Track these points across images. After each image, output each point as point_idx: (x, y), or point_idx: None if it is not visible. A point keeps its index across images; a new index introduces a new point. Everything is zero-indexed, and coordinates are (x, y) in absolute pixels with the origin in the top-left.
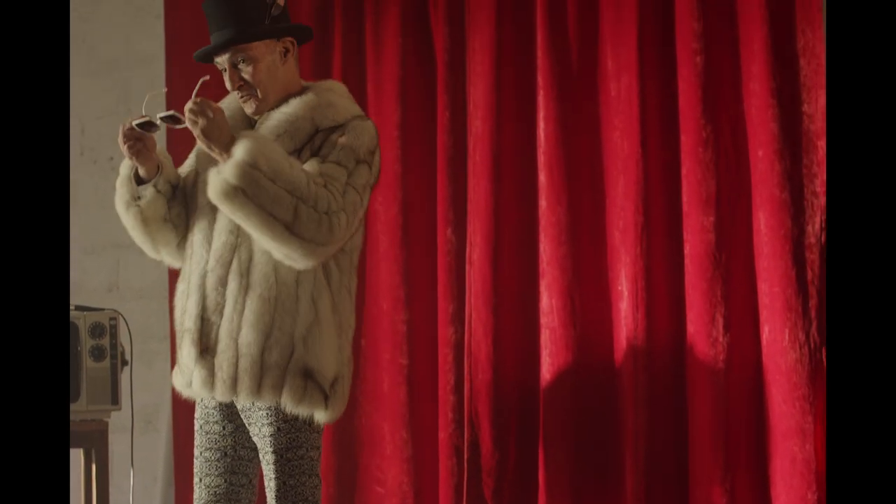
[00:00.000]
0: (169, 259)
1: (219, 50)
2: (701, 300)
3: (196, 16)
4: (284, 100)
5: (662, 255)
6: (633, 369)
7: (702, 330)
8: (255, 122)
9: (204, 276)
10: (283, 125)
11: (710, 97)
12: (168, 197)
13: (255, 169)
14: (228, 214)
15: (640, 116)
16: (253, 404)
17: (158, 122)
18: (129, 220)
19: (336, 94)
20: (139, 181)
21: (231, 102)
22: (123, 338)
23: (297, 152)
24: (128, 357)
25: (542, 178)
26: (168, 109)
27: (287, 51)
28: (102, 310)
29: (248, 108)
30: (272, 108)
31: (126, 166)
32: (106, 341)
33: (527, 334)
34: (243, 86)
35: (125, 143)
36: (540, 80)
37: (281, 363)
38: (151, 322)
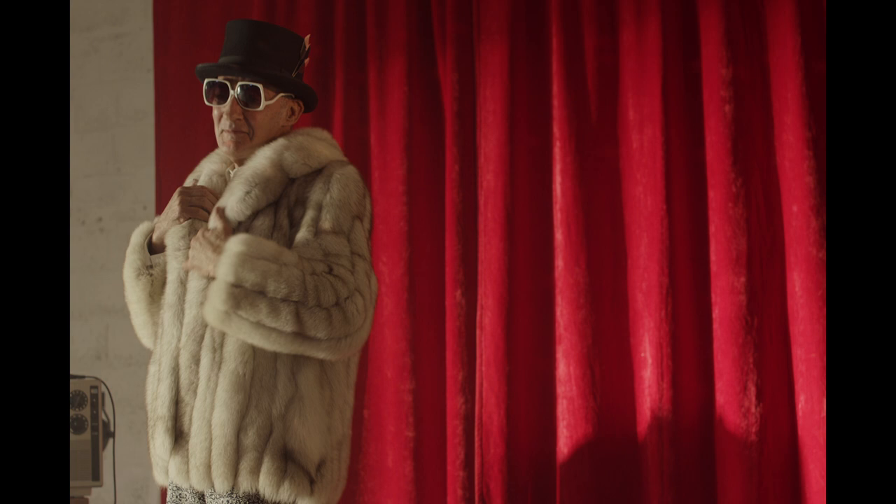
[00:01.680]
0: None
1: (236, 71)
2: (731, 368)
3: (187, 68)
4: None
5: (689, 319)
6: (658, 443)
7: (732, 400)
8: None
9: (177, 356)
10: (253, 179)
11: (740, 149)
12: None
13: (239, 287)
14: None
15: (664, 170)
16: (232, 492)
17: None
18: (136, 292)
19: (310, 138)
20: (151, 250)
21: (212, 163)
22: (109, 408)
23: (274, 206)
24: (112, 429)
25: (559, 236)
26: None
27: (293, 112)
28: (83, 377)
29: (229, 146)
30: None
31: (140, 234)
32: (87, 412)
33: (542, 405)
34: (240, 121)
35: (185, 203)
36: (556, 131)
37: (258, 444)
38: (142, 391)
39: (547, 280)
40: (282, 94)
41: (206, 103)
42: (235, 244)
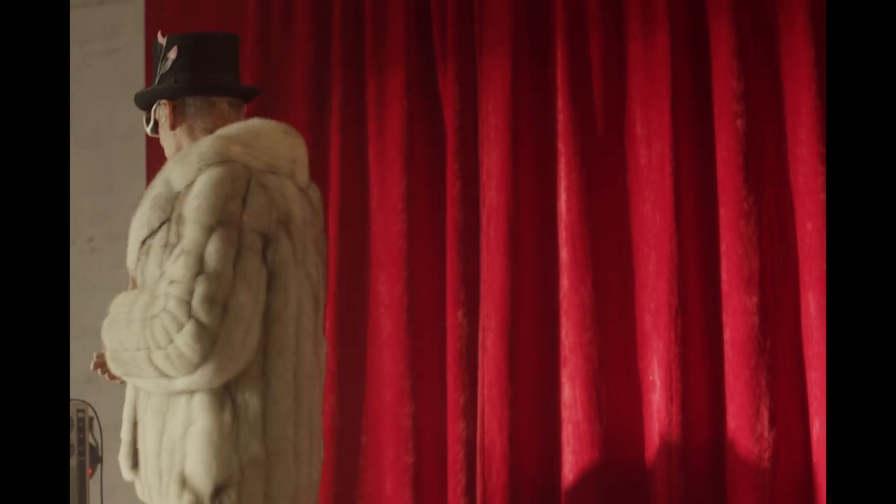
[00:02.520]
0: None
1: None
2: (743, 391)
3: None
4: None
5: (699, 341)
6: (668, 469)
7: (744, 425)
8: None
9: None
10: (149, 200)
11: (752, 165)
12: None
13: (111, 350)
14: None
15: (673, 187)
16: None
17: None
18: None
19: (205, 140)
20: None
21: None
22: (98, 432)
23: (167, 223)
24: (101, 453)
25: (564, 254)
26: None
27: (174, 113)
28: (70, 400)
29: None
30: None
31: None
32: (74, 436)
33: (547, 430)
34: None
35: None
36: (561, 147)
37: (168, 468)
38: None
39: (551, 300)
40: (154, 106)
41: None
42: (111, 305)
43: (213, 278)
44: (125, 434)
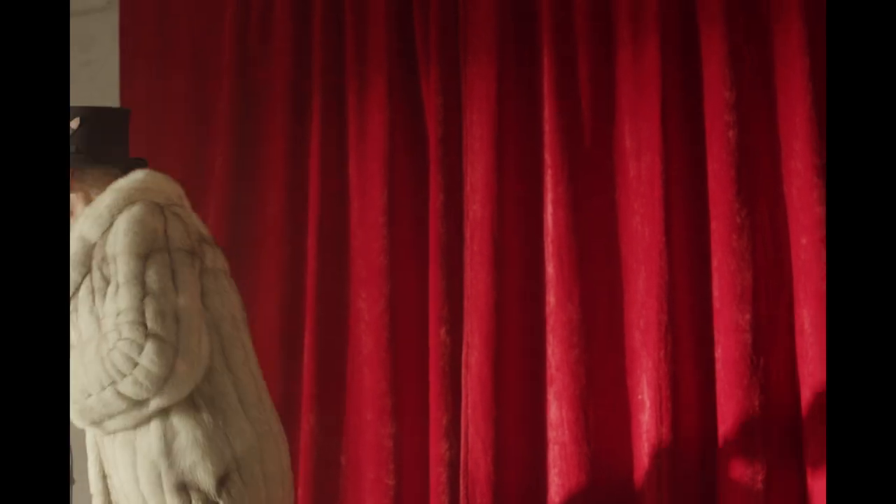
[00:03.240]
0: None
1: None
2: (736, 411)
3: (155, 95)
4: None
5: (690, 359)
6: (657, 492)
7: (737, 446)
8: None
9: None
10: (69, 260)
11: (744, 177)
12: None
13: (75, 403)
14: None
15: (663, 199)
16: None
17: None
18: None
19: (104, 196)
20: None
21: None
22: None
23: (89, 273)
24: (75, 475)
25: (551, 270)
26: None
27: (80, 186)
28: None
29: None
30: None
31: None
32: None
33: (532, 451)
34: None
35: None
36: (548, 158)
37: (155, 490)
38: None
39: (537, 317)
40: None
41: None
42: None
43: (160, 295)
44: (96, 486)
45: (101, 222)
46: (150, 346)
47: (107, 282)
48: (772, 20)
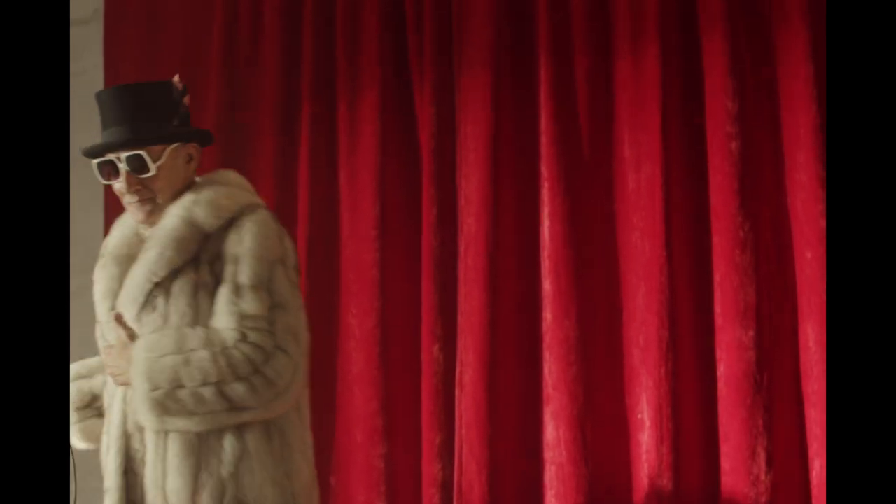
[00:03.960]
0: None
1: (116, 147)
2: (738, 431)
3: None
4: None
5: (692, 378)
6: None
7: (740, 467)
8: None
9: (123, 423)
10: (166, 240)
11: (747, 190)
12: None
13: (156, 390)
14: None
15: (664, 213)
16: None
17: None
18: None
19: (218, 187)
20: None
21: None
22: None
23: (193, 264)
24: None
25: (547, 285)
26: None
27: (191, 158)
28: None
29: (139, 215)
30: None
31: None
32: None
33: (528, 472)
34: (141, 190)
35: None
36: (544, 170)
37: (213, 503)
38: (93, 454)
39: (534, 334)
40: (171, 147)
41: (104, 182)
42: (139, 351)
43: (288, 310)
44: (114, 480)
45: (221, 215)
46: (278, 359)
47: (216, 280)
48: (775, 27)
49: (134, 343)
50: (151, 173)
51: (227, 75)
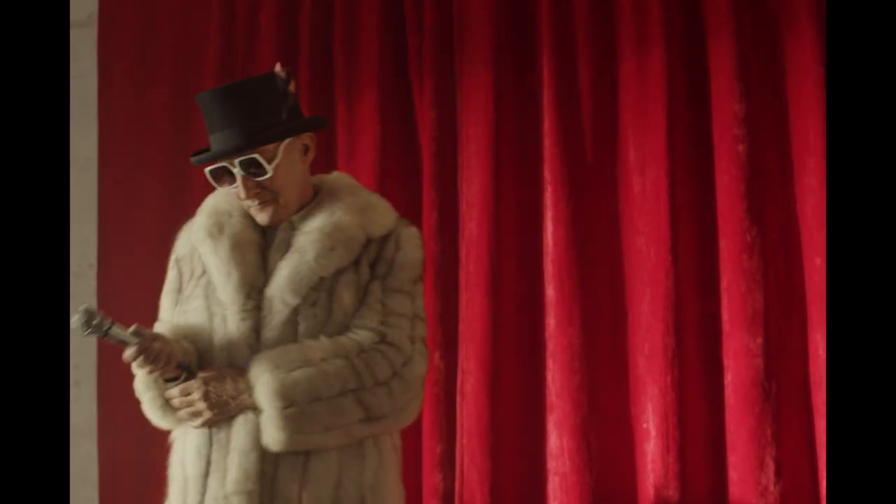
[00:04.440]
0: None
1: (228, 155)
2: (746, 440)
3: (133, 112)
4: (306, 203)
5: (698, 386)
6: None
7: (748, 477)
8: (269, 231)
9: (248, 440)
10: (334, 237)
11: (755, 194)
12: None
13: (291, 407)
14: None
15: (669, 217)
16: None
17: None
18: (170, 426)
19: (367, 193)
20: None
21: (222, 203)
22: None
23: (354, 265)
24: None
25: (550, 291)
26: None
27: (307, 148)
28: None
29: (263, 217)
30: (293, 214)
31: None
32: None
33: (531, 482)
34: (260, 192)
35: (149, 364)
36: (547, 174)
37: None
38: (87, 464)
39: (536, 341)
40: (284, 143)
41: (219, 188)
42: (262, 368)
43: (425, 324)
44: (250, 485)
45: (386, 224)
46: (416, 362)
47: (365, 280)
48: (783, 27)
49: (253, 364)
50: (269, 175)
51: (223, 76)
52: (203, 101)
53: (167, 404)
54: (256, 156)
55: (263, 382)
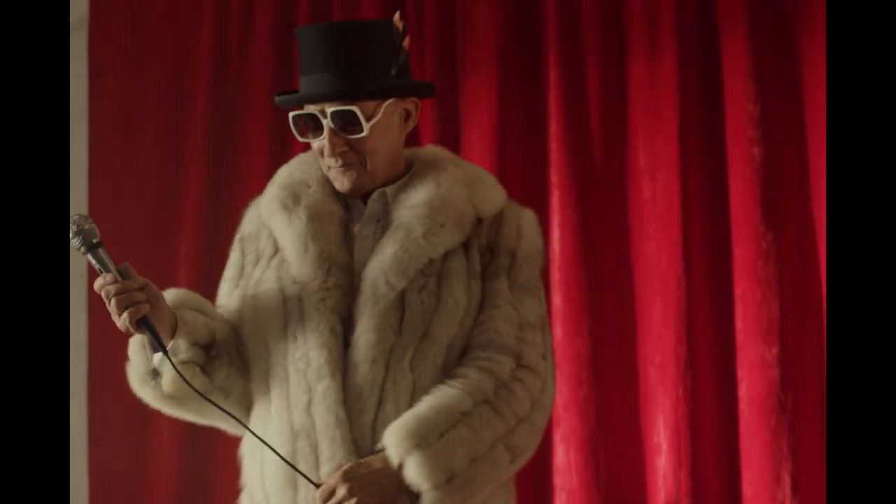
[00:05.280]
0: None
1: (323, 98)
2: (762, 455)
3: (123, 113)
4: (397, 177)
5: (711, 398)
6: None
7: (763, 493)
8: (353, 203)
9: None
10: (446, 212)
11: (771, 198)
12: (203, 363)
13: (453, 479)
14: None
15: (681, 223)
16: None
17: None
18: (148, 398)
19: (471, 165)
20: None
21: (297, 173)
22: None
23: (464, 248)
24: None
25: (558, 300)
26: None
27: (409, 115)
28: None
29: (344, 182)
30: (379, 187)
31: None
32: None
33: (538, 498)
34: (346, 153)
35: (121, 304)
36: (554, 178)
37: None
38: (77, 478)
39: None
40: (387, 102)
41: (300, 139)
42: (402, 440)
43: (550, 328)
44: None
45: (496, 202)
46: (550, 386)
47: (483, 272)
48: (798, 27)
49: (391, 435)
50: (364, 134)
51: (215, 82)
52: (304, 37)
53: (148, 375)
54: (355, 108)
55: (413, 462)
